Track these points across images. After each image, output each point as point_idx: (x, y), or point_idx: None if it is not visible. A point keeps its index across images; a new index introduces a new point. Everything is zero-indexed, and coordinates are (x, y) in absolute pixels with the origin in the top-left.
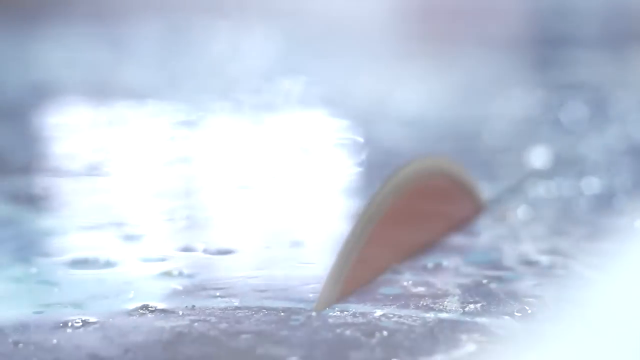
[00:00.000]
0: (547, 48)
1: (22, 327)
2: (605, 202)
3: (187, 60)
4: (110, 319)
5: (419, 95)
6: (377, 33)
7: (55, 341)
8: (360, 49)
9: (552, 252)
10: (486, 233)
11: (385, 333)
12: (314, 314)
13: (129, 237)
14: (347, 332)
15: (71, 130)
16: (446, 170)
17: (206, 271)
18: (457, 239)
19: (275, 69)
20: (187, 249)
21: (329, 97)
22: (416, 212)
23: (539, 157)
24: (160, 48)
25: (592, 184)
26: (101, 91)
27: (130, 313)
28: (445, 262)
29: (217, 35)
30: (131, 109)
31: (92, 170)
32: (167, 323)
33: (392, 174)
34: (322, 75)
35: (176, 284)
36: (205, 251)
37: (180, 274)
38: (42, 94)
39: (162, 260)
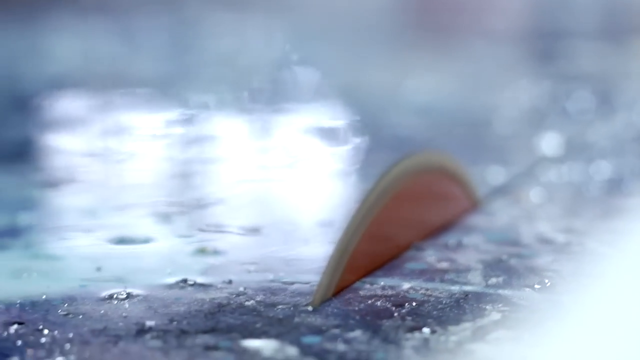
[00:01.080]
0: (552, 39)
1: (70, 299)
2: (614, 184)
3: (197, 53)
4: (153, 292)
5: (429, 85)
6: (386, 25)
7: (102, 311)
8: (369, 41)
9: (567, 230)
10: (503, 213)
11: (414, 304)
12: (310, 308)
13: (163, 217)
14: (378, 303)
15: (95, 117)
16: (442, 165)
17: (238, 248)
18: (476, 219)
19: (285, 60)
20: (217, 228)
21: (340, 87)
22: (412, 206)
23: (549, 143)
24: (169, 40)
25: (602, 168)
26: (116, 81)
27: (170, 286)
28: (465, 240)
29: (225, 27)
30: (148, 97)
31: (119, 155)
32: (207, 295)
33: (387, 168)
34: (333, 66)
35: (211, 260)
36: (234, 229)
37: (214, 251)
38: (56, 84)
39: (195, 238)
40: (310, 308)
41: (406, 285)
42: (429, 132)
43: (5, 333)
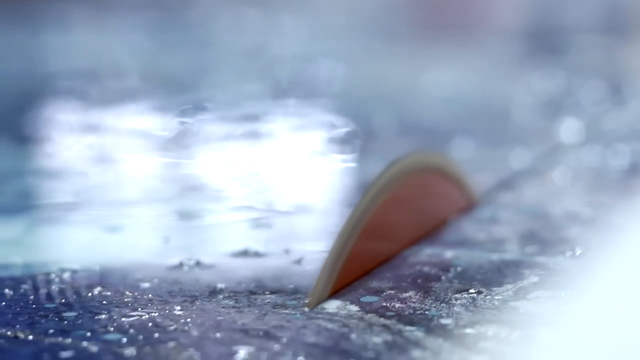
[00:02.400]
0: (564, 34)
1: (144, 267)
2: (632, 166)
3: (218, 48)
4: (219, 260)
5: (449, 78)
6: (405, 21)
7: (175, 276)
8: (388, 37)
9: (592, 205)
10: (530, 191)
11: (458, 269)
12: (306, 309)
13: (217, 197)
14: (426, 269)
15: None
16: (438, 165)
17: (289, 223)
18: (505, 196)
19: (308, 53)
20: (268, 206)
21: (360, 79)
22: (408, 206)
23: (567, 129)
24: (190, 36)
25: (620, 151)
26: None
27: (234, 255)
28: (498, 215)
29: (247, 23)
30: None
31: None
32: (268, 262)
33: (385, 169)
34: (353, 59)
35: (267, 233)
36: (282, 207)
37: (268, 225)
38: (85, 78)
39: (249, 215)
40: (306, 309)
41: (449, 254)
42: (452, 122)
43: (90, 294)
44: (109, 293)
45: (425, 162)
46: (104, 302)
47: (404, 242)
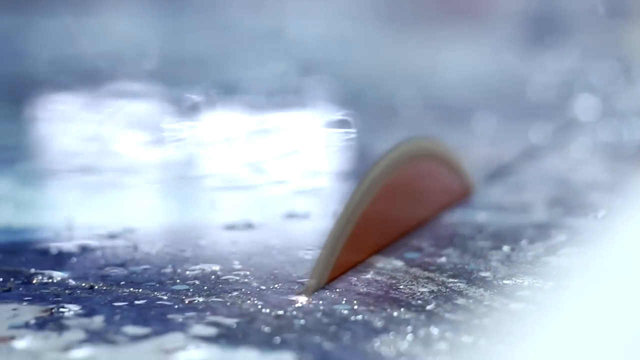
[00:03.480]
0: (575, 16)
1: (199, 228)
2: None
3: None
4: (269, 221)
5: (465, 57)
6: (421, 3)
7: (229, 236)
8: (404, 18)
9: (611, 173)
10: (552, 161)
11: (491, 230)
12: (304, 296)
13: (258, 169)
14: (460, 229)
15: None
16: (435, 152)
17: (329, 190)
18: (528, 165)
19: (326, 36)
20: (309, 173)
21: (380, 60)
22: (405, 193)
23: (582, 105)
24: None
25: (633, 125)
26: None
27: (283, 217)
28: (522, 182)
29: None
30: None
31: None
32: (314, 224)
33: (381, 156)
34: (372, 43)
35: (310, 199)
36: (325, 175)
37: (312, 192)
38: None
39: (290, 182)
40: (304, 296)
41: (480, 216)
42: (472, 99)
43: (154, 251)
44: (170, 250)
45: (422, 148)
46: (167, 257)
47: (401, 229)
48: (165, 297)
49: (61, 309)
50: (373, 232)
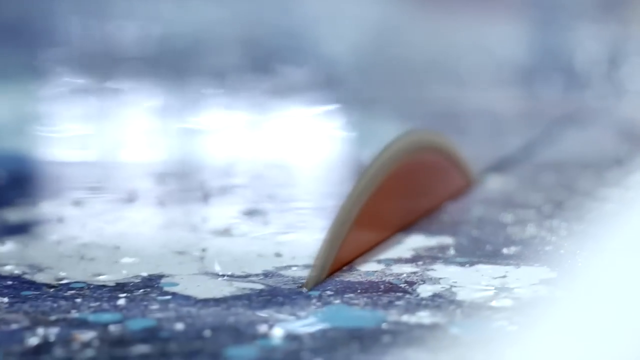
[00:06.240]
0: None
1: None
2: None
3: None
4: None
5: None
6: None
7: None
8: None
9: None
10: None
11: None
12: (304, 290)
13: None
14: (483, 208)
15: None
16: (437, 144)
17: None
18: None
19: (335, 19)
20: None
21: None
22: (406, 186)
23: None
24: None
25: None
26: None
27: None
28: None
29: None
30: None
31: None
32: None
33: (382, 149)
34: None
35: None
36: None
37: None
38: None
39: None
40: (304, 290)
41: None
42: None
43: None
44: None
45: (423, 141)
46: None
47: (401, 222)
48: None
49: None
50: (374, 225)
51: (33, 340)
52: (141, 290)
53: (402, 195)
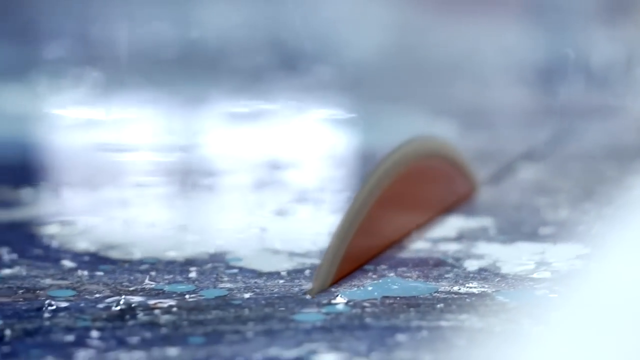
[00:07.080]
0: None
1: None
2: None
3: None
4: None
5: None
6: None
7: None
8: None
9: None
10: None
11: (551, 197)
12: (308, 297)
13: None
14: (518, 193)
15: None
16: (441, 151)
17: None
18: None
19: (351, 21)
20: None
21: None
22: (411, 192)
23: None
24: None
25: None
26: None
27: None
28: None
29: None
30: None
31: None
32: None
33: (386, 155)
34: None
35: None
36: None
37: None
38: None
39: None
40: (308, 297)
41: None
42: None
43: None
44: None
45: (427, 148)
46: None
47: (407, 228)
48: None
49: None
50: (379, 230)
51: (116, 308)
52: (209, 265)
53: (406, 201)
